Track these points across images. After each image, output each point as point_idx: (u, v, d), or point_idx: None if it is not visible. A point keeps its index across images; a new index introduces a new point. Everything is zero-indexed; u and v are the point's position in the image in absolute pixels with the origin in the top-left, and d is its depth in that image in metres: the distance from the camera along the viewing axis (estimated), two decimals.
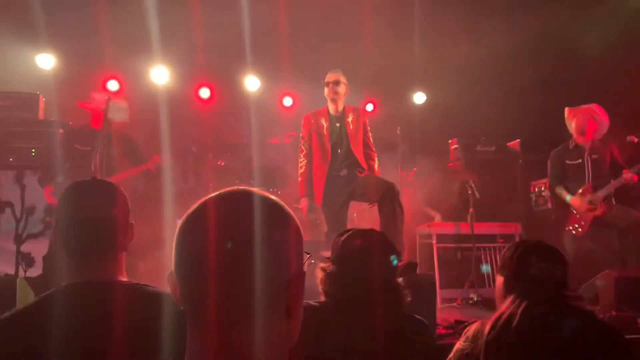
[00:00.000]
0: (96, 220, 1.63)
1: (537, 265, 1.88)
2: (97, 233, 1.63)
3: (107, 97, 4.88)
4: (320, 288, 1.92)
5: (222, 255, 0.86)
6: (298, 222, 0.95)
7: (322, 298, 1.92)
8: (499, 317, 1.81)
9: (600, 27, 5.70)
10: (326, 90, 4.66)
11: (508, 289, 1.93)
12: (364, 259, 1.87)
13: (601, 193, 4.94)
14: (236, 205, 0.92)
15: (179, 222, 0.93)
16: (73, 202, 1.67)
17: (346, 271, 1.86)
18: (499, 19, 6.07)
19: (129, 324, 1.47)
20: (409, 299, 1.93)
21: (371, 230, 2.02)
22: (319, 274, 1.92)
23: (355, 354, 1.72)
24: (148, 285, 1.64)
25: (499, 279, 1.99)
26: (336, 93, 4.61)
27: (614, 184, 4.94)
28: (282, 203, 0.95)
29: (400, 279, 1.95)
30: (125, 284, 1.63)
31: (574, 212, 5.05)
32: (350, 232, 1.99)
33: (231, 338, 0.87)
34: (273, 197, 0.95)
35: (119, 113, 4.86)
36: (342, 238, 1.96)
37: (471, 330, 1.89)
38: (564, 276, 1.90)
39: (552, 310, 1.81)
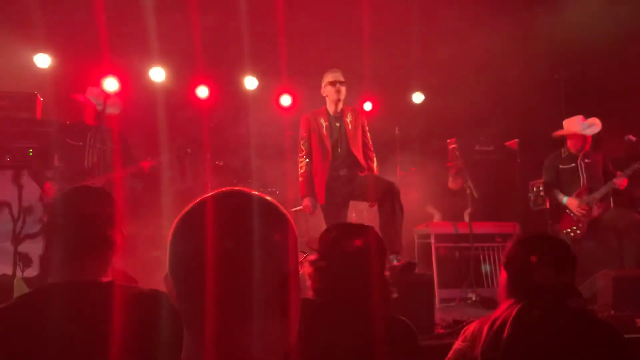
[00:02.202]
0: (89, 220, 1.66)
1: (541, 272, 1.81)
2: (88, 232, 1.65)
3: (103, 92, 4.89)
4: (307, 282, 1.87)
5: (220, 255, 0.86)
6: (293, 222, 0.95)
7: (309, 293, 1.88)
8: (495, 321, 1.79)
9: (598, 26, 5.70)
10: (330, 89, 4.62)
11: (510, 291, 1.88)
12: (358, 258, 1.82)
13: (597, 194, 4.96)
14: (233, 205, 0.92)
15: (175, 222, 0.92)
16: (70, 203, 1.70)
17: (339, 268, 1.81)
18: (498, 18, 6.07)
19: (109, 324, 1.47)
20: (395, 295, 1.89)
21: (365, 227, 1.96)
22: (307, 268, 1.87)
23: (343, 352, 1.70)
24: (133, 286, 1.65)
25: (503, 274, 1.94)
26: (340, 93, 4.60)
27: (607, 186, 4.96)
28: (277, 203, 0.95)
29: (387, 275, 1.90)
30: (110, 284, 1.63)
31: (571, 214, 5.05)
32: (342, 228, 1.94)
33: (228, 337, 0.87)
34: (269, 197, 0.95)
35: (113, 108, 4.88)
36: (334, 234, 1.90)
37: (469, 330, 1.88)
38: (570, 280, 1.83)
39: (550, 311, 1.79)
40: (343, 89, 4.61)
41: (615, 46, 6.09)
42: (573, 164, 5.15)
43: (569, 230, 5.03)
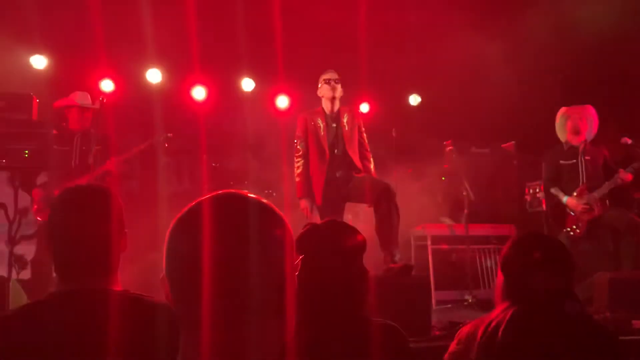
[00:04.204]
0: (88, 238, 1.57)
1: (539, 276, 1.77)
2: (89, 252, 1.57)
3: (80, 93, 4.86)
4: None
5: (216, 257, 0.86)
6: (289, 224, 0.95)
7: None
8: (490, 323, 1.78)
9: (594, 28, 5.72)
10: (326, 87, 4.62)
11: (506, 293, 1.85)
12: (321, 256, 1.71)
13: (597, 194, 4.92)
14: (229, 208, 0.92)
15: (171, 224, 0.92)
16: (66, 216, 1.60)
17: (305, 272, 1.65)
18: (494, 20, 6.09)
19: (119, 333, 1.44)
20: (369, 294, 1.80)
21: (328, 225, 1.83)
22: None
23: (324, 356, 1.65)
24: (142, 295, 1.60)
25: (500, 276, 1.91)
26: (335, 90, 4.60)
27: (609, 184, 4.93)
28: (274, 207, 0.95)
29: (366, 273, 1.77)
30: (118, 292, 1.58)
31: (571, 212, 5.03)
32: (309, 227, 1.82)
33: (225, 339, 0.88)
34: (264, 199, 0.95)
35: (89, 104, 4.86)
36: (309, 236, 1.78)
37: (464, 332, 1.87)
38: (568, 284, 1.80)
39: (545, 314, 1.77)
40: (338, 87, 4.61)
41: (611, 48, 6.11)
42: (574, 160, 5.10)
43: (568, 229, 5.00)
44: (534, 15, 6.07)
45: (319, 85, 4.71)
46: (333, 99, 4.62)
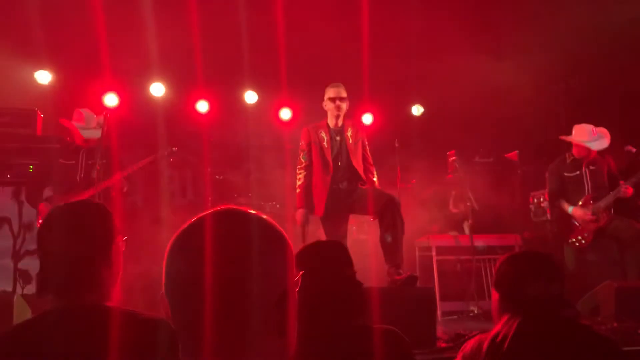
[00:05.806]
0: (71, 254, 1.56)
1: (531, 285, 1.83)
2: (72, 268, 1.55)
3: (85, 114, 4.86)
4: None
5: (217, 275, 0.86)
6: (291, 242, 0.95)
7: None
8: (495, 338, 1.78)
9: (597, 38, 5.73)
10: (330, 105, 4.63)
11: (503, 307, 1.89)
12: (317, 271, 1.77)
13: (602, 203, 4.90)
14: (230, 225, 0.91)
15: (170, 242, 0.92)
16: (51, 232, 1.59)
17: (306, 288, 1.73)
18: (496, 31, 6.11)
19: (109, 350, 1.43)
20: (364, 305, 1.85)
21: (319, 244, 1.95)
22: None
23: None
24: (136, 311, 1.58)
25: (495, 295, 1.96)
26: (340, 110, 4.61)
27: (614, 193, 4.90)
28: (275, 223, 0.95)
29: (357, 287, 1.84)
30: (110, 309, 1.57)
31: (576, 223, 5.00)
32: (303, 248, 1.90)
33: (225, 358, 0.86)
34: (266, 216, 0.94)
35: (93, 132, 4.84)
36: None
37: (468, 347, 1.87)
38: (561, 292, 1.85)
39: (546, 327, 1.78)
40: (343, 106, 4.61)
41: (614, 57, 6.11)
42: (578, 172, 5.06)
43: (574, 240, 4.96)
44: (536, 26, 6.09)
45: (325, 99, 4.71)
46: (338, 116, 4.64)
